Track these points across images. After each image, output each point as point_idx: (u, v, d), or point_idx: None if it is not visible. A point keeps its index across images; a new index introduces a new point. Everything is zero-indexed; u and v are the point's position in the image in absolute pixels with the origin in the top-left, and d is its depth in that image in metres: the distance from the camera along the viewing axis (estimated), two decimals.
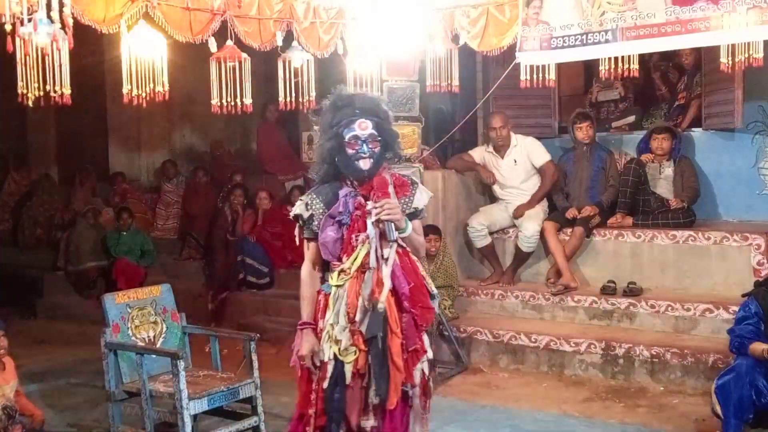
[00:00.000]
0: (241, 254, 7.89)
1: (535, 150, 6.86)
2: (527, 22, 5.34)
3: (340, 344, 3.15)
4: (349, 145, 3.19)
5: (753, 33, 4.67)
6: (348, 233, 3.19)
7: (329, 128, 3.24)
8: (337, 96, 3.30)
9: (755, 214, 6.67)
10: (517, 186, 6.87)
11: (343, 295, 3.18)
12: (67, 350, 7.17)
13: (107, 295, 4.74)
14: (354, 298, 3.16)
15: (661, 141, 6.65)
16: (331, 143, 3.22)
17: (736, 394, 4.05)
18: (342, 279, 3.18)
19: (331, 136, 3.23)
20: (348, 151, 3.20)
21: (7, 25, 3.47)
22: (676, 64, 7.51)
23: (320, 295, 3.28)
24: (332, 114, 3.25)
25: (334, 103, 3.28)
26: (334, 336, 3.16)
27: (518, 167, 6.86)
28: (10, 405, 4.21)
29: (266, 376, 4.89)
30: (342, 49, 5.63)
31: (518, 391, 5.53)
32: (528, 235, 6.53)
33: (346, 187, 3.25)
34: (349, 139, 3.19)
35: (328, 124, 3.25)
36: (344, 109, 3.23)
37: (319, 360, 3.20)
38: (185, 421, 4.20)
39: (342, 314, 3.17)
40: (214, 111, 4.98)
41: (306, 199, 3.31)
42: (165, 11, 4.54)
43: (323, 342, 3.19)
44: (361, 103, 3.25)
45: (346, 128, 3.20)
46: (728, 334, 4.34)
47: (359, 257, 3.17)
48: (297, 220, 3.33)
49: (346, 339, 3.14)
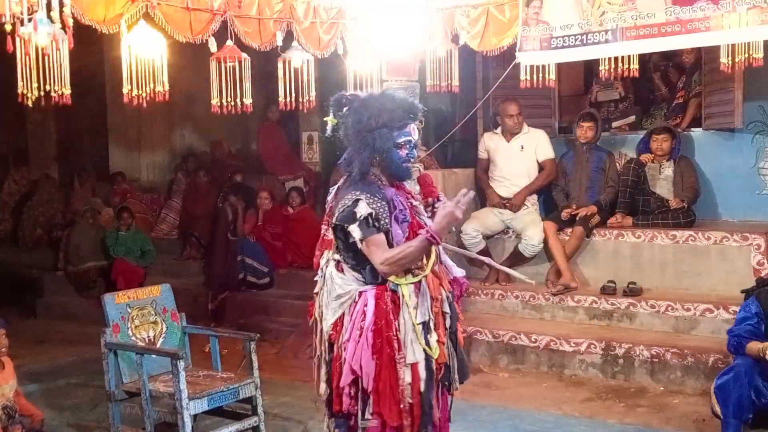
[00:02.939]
0: (241, 254, 7.89)
1: (544, 144, 6.93)
2: (527, 22, 5.35)
3: (430, 341, 3.13)
4: (401, 147, 3.18)
5: (753, 33, 4.68)
6: (410, 231, 3.19)
7: (377, 127, 3.14)
8: (385, 96, 3.25)
9: (755, 214, 6.66)
10: (514, 174, 6.88)
11: (425, 292, 3.16)
12: (67, 350, 7.16)
13: (107, 295, 4.73)
14: (437, 292, 3.18)
15: (660, 141, 6.65)
16: (380, 142, 3.15)
17: (735, 394, 4.06)
18: (417, 276, 3.16)
19: (382, 136, 3.15)
20: (398, 152, 3.18)
21: (7, 25, 3.47)
22: (676, 64, 7.51)
23: (386, 295, 3.15)
24: (380, 113, 3.15)
25: (383, 103, 3.19)
26: (423, 335, 3.12)
27: (523, 154, 6.88)
28: (10, 405, 4.20)
29: (266, 376, 4.89)
30: (342, 49, 5.63)
31: (518, 391, 5.53)
32: (534, 243, 6.54)
33: (388, 187, 3.23)
34: (402, 142, 3.18)
35: (378, 122, 3.14)
36: (396, 111, 3.17)
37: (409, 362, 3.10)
38: (185, 421, 4.19)
39: (428, 310, 3.15)
40: (214, 111, 4.98)
41: (363, 197, 3.12)
42: (165, 11, 4.54)
43: (411, 343, 3.11)
44: (411, 109, 3.22)
45: (398, 130, 3.17)
46: (727, 335, 4.35)
47: (433, 252, 3.21)
48: (367, 220, 3.11)
49: (434, 335, 3.15)
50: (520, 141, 6.90)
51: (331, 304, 3.23)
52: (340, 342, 3.19)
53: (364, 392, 3.12)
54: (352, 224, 3.10)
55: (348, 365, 3.12)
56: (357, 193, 3.13)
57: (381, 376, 3.10)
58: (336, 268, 3.27)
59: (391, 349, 3.10)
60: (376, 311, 3.13)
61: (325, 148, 9.57)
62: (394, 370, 3.10)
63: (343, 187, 3.27)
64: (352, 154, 3.21)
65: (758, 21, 4.56)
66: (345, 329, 3.18)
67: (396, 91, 3.39)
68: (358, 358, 3.10)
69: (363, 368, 3.09)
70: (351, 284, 3.21)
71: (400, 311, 3.13)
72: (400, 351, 3.11)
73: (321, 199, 9.16)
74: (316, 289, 3.40)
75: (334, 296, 3.22)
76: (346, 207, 3.13)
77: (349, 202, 3.12)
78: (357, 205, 3.10)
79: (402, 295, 3.13)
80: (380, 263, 3.10)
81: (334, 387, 3.20)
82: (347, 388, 3.14)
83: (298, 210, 8.26)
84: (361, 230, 3.10)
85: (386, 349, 3.10)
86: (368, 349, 3.10)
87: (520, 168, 6.89)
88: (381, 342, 3.11)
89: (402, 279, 3.14)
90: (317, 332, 3.35)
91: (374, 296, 3.14)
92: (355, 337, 3.13)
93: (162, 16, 4.51)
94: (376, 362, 3.10)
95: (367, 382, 3.10)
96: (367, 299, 3.15)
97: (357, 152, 3.18)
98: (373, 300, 3.14)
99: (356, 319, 3.15)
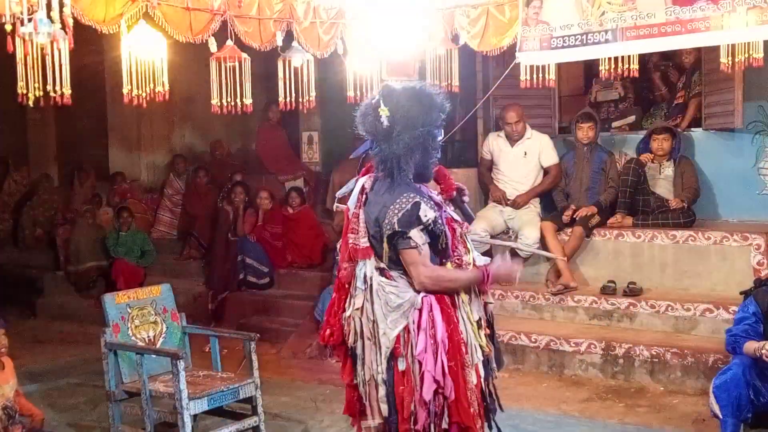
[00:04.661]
0: (241, 254, 7.88)
1: (547, 150, 6.94)
2: (527, 22, 5.34)
3: (482, 336, 3.11)
4: (437, 148, 3.16)
5: (753, 33, 4.67)
6: (448, 226, 3.14)
7: (428, 124, 3.06)
8: (424, 93, 3.11)
9: (755, 214, 6.67)
10: (517, 179, 6.90)
11: (475, 287, 3.14)
12: (67, 350, 7.17)
13: (107, 295, 4.73)
14: (484, 285, 3.17)
15: (661, 141, 6.65)
16: (428, 141, 3.08)
17: (734, 393, 4.05)
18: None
19: (431, 135, 3.08)
20: (434, 153, 3.15)
21: (7, 25, 3.47)
22: (676, 64, 7.51)
23: (446, 299, 3.05)
24: (430, 110, 3.07)
25: (433, 100, 3.09)
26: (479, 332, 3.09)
27: (527, 159, 6.91)
28: (10, 405, 4.20)
29: (266, 376, 4.89)
30: (342, 49, 5.63)
31: (518, 391, 5.52)
32: (530, 242, 6.54)
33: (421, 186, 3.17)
34: (439, 143, 3.15)
35: (428, 120, 3.06)
36: (432, 111, 3.09)
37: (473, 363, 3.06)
38: (185, 421, 4.19)
39: (481, 306, 3.14)
40: (214, 111, 4.98)
41: (420, 200, 3.00)
42: (165, 11, 4.54)
43: (472, 342, 3.06)
44: (444, 108, 3.14)
45: (437, 130, 3.13)
46: (726, 334, 4.35)
47: (472, 248, 3.20)
48: (430, 223, 3.00)
49: (483, 329, 3.14)
50: (523, 147, 6.91)
51: (390, 316, 3.01)
52: (412, 355, 2.98)
53: (441, 403, 3.00)
54: (414, 228, 2.96)
55: (429, 377, 2.95)
56: (411, 195, 2.99)
57: (458, 382, 3.00)
58: (383, 276, 3.07)
59: (461, 353, 3.02)
60: (444, 317, 3.02)
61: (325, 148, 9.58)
62: (465, 374, 3.02)
63: (378, 190, 3.09)
64: (393, 150, 3.02)
65: (758, 21, 4.55)
66: (416, 340, 2.98)
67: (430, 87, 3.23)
68: (440, 369, 2.96)
69: (445, 377, 2.97)
70: (407, 291, 3.02)
71: (457, 312, 3.06)
72: (467, 353, 3.04)
73: (321, 199, 9.17)
74: (357, 304, 3.11)
75: (393, 307, 3.01)
76: (405, 210, 2.95)
77: (408, 206, 2.96)
78: (419, 209, 2.97)
79: (458, 294, 3.07)
80: (427, 276, 2.99)
81: (406, 405, 2.98)
82: (427, 404, 2.97)
83: (298, 210, 8.25)
84: (422, 236, 2.98)
85: (458, 354, 3.01)
86: (446, 357, 2.98)
87: (523, 173, 6.92)
88: (452, 347, 3.00)
89: None
90: (368, 350, 3.08)
91: (437, 300, 3.03)
92: (431, 347, 2.97)
93: (162, 16, 4.51)
94: (452, 369, 2.99)
95: (449, 391, 2.98)
96: (432, 305, 3.01)
97: (406, 150, 3.01)
98: (437, 304, 3.02)
99: (425, 328, 2.98)
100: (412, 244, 2.97)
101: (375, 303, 3.04)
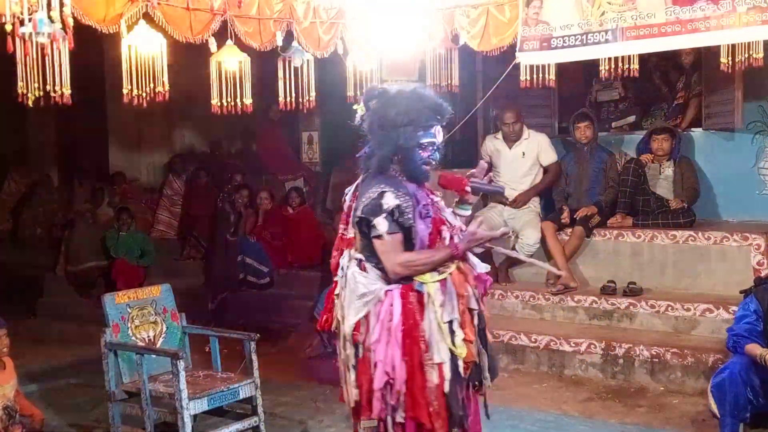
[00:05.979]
0: (241, 254, 7.89)
1: (545, 149, 6.92)
2: (527, 22, 5.34)
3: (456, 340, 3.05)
4: (424, 148, 3.13)
5: (753, 33, 4.68)
6: (434, 227, 3.15)
7: (402, 124, 3.09)
8: (416, 94, 3.17)
9: (755, 214, 6.67)
10: (516, 180, 6.89)
11: (451, 289, 3.09)
12: (67, 350, 7.16)
13: (107, 295, 4.74)
14: (463, 288, 3.11)
15: (661, 141, 6.65)
16: (404, 140, 3.10)
17: (732, 392, 4.06)
18: (443, 273, 3.09)
19: (406, 134, 3.09)
20: (420, 153, 3.13)
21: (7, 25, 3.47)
22: (676, 64, 7.51)
23: (411, 295, 3.08)
24: (408, 110, 3.10)
25: (412, 101, 3.14)
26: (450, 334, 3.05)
27: (525, 160, 6.89)
28: (11, 405, 4.20)
29: (266, 376, 4.89)
30: (342, 49, 5.63)
31: (518, 391, 5.53)
32: (530, 243, 6.54)
33: (410, 183, 3.16)
34: (426, 143, 3.13)
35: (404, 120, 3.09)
36: (424, 110, 3.12)
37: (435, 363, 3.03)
38: (185, 421, 4.20)
39: (455, 308, 3.08)
40: (214, 111, 4.98)
41: (388, 190, 3.06)
42: (165, 11, 4.54)
43: (437, 342, 3.03)
44: (439, 110, 3.16)
45: (423, 131, 3.12)
46: (727, 333, 4.35)
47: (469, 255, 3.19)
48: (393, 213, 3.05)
49: (460, 333, 3.07)
50: (521, 147, 6.89)
51: (354, 304, 3.12)
52: (366, 343, 3.09)
53: (396, 395, 3.04)
54: (378, 216, 3.04)
55: (381, 368, 3.04)
56: (382, 186, 3.07)
57: (413, 377, 3.03)
58: (358, 266, 3.17)
59: (419, 349, 3.04)
60: (403, 311, 3.06)
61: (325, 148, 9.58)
62: (423, 372, 3.03)
63: (363, 184, 3.20)
64: (374, 148, 3.14)
65: (758, 21, 4.56)
66: (372, 330, 3.08)
67: (427, 90, 3.27)
68: (390, 360, 3.03)
69: (395, 370, 3.02)
70: (375, 283, 3.11)
71: (425, 311, 3.06)
72: (427, 351, 3.04)
73: (321, 199, 9.17)
74: (337, 290, 3.26)
75: (358, 295, 3.11)
76: (371, 199, 3.06)
77: (374, 194, 3.06)
78: (383, 197, 3.05)
79: (428, 294, 3.06)
80: (398, 263, 3.04)
81: (365, 391, 3.10)
82: (379, 393, 3.04)
83: (298, 210, 8.26)
84: (387, 223, 3.04)
85: (415, 350, 3.04)
86: (398, 350, 3.03)
87: (522, 174, 6.89)
88: (410, 342, 3.04)
89: (427, 277, 3.07)
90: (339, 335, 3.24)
91: (400, 295, 3.07)
92: (384, 338, 3.05)
93: (162, 16, 4.50)
94: (407, 364, 3.03)
95: (400, 384, 3.03)
96: (393, 298, 3.07)
97: (379, 147, 3.12)
98: (399, 299, 3.07)
99: (383, 319, 3.06)
100: (378, 232, 3.05)
101: (346, 290, 3.16)
